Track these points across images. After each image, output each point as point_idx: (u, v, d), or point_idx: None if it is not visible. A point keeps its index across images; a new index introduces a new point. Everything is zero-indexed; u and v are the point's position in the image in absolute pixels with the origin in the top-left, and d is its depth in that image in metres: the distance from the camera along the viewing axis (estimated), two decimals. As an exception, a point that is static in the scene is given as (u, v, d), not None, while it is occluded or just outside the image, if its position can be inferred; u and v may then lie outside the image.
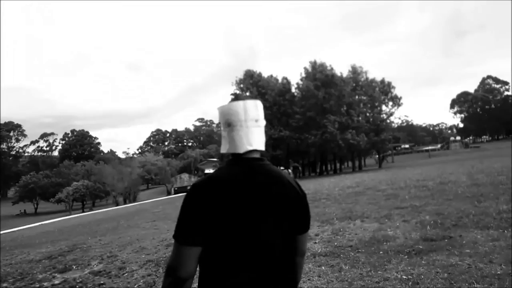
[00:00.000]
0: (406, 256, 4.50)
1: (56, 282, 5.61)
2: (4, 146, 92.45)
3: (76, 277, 5.69)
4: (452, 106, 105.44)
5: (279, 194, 1.25)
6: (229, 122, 1.29)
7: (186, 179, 59.57)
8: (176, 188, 54.62)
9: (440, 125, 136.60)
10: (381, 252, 4.79)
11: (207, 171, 49.50)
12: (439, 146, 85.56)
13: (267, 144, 1.42)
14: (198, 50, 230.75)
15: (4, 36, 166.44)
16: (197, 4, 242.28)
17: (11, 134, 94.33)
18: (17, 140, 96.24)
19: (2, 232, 19.40)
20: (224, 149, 1.32)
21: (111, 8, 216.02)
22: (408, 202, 8.67)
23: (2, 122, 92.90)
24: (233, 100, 1.34)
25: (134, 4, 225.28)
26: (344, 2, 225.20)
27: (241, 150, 1.27)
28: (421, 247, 4.82)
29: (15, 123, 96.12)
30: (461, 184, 10.93)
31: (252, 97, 1.47)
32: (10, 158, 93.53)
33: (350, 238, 5.82)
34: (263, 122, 1.34)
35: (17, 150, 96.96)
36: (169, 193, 56.46)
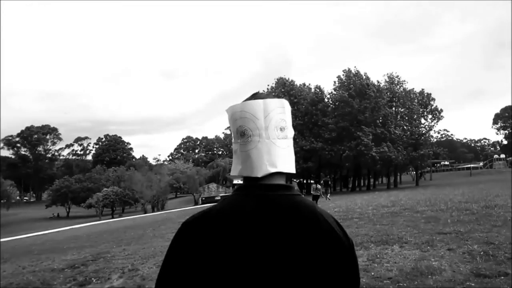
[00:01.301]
0: (457, 296, 3.89)
1: (73, 296, 5.45)
2: (40, 148, 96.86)
3: (94, 292, 5.50)
4: (495, 122, 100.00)
5: (311, 243, 0.84)
6: (242, 131, 0.93)
7: (214, 189, 59.72)
8: (203, 198, 54.80)
9: (482, 141, 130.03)
10: (426, 289, 4.20)
11: (235, 181, 49.19)
12: (481, 164, 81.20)
13: (297, 155, 0.97)
14: (230, 59, 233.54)
15: (45, 44, 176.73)
16: (229, 13, 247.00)
17: (48, 137, 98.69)
18: (53, 143, 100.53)
19: (34, 234, 20.01)
20: (235, 171, 0.96)
21: (146, 19, 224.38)
22: (451, 227, 7.92)
23: (40, 125, 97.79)
24: (249, 98, 0.98)
25: (168, 14, 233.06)
26: (382, 12, 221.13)
27: (259, 173, 0.90)
28: (473, 284, 4.20)
29: (52, 126, 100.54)
30: (509, 209, 10.00)
31: (276, 95, 1.05)
32: (46, 161, 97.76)
33: (389, 268, 5.22)
34: (291, 132, 0.97)
35: (52, 153, 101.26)
36: (196, 203, 56.73)
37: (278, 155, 0.92)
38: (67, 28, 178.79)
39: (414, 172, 53.94)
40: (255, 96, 0.97)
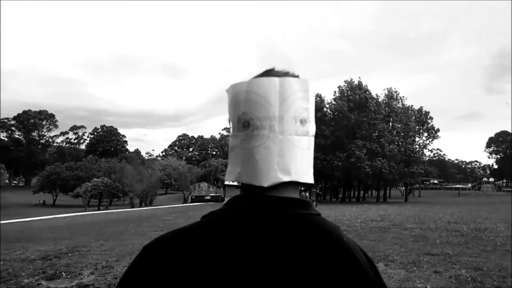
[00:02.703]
0: (441, 324, 3.66)
1: (38, 291, 5.18)
2: (35, 133, 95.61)
3: (60, 289, 5.22)
4: (488, 145, 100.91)
5: (334, 281, 0.58)
6: (246, 120, 0.65)
7: (205, 189, 59.22)
8: (193, 197, 54.31)
9: (473, 164, 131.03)
10: (409, 313, 3.97)
11: (227, 182, 48.72)
12: (469, 185, 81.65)
13: None
14: (232, 61, 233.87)
15: (47, 31, 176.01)
16: (236, 16, 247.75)
17: (44, 123, 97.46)
18: (49, 130, 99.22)
19: (14, 220, 19.57)
20: (231, 175, 0.68)
21: (151, 13, 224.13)
22: (439, 248, 7.74)
23: (37, 110, 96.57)
24: (260, 75, 0.69)
25: (173, 10, 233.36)
26: (386, 28, 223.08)
27: (265, 181, 0.63)
28: (458, 312, 3.98)
29: (49, 112, 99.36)
30: (499, 233, 9.87)
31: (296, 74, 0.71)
32: (39, 147, 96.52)
33: (371, 287, 4.99)
34: (313, 128, 0.70)
35: (46, 139, 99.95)
36: (185, 201, 56.23)
37: (294, 158, 0.64)
38: (72, 16, 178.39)
39: (404, 188, 54.00)
40: (269, 73, 0.69)
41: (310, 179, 0.67)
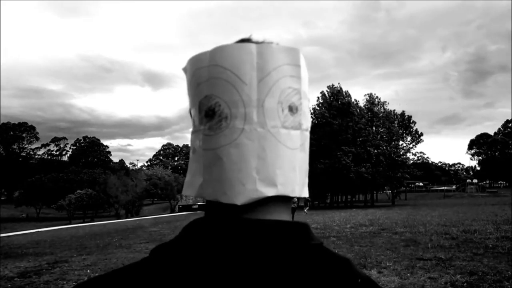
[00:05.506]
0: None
1: (14, 313, 4.85)
2: (15, 146, 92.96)
3: (38, 309, 4.90)
4: (470, 147, 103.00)
5: None
6: (210, 107, 0.43)
7: (192, 197, 58.46)
8: (180, 206, 53.52)
9: (456, 166, 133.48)
10: (408, 324, 3.81)
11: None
12: (454, 187, 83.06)
13: None
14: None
15: (23, 41, 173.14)
16: (215, 24, 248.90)
17: (24, 135, 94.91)
18: (29, 142, 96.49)
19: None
20: (190, 187, 0.46)
21: (130, 21, 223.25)
22: (432, 253, 7.65)
23: (17, 122, 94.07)
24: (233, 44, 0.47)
25: (153, 18, 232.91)
26: (365, 34, 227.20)
27: (238, 197, 0.41)
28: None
29: (29, 124, 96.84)
30: (489, 235, 9.86)
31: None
32: (20, 159, 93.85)
33: (367, 297, 4.82)
34: (307, 119, 0.48)
35: (27, 151, 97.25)
36: (172, 211, 55.41)
37: (281, 160, 0.43)
38: (49, 25, 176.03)
39: (390, 191, 54.50)
40: (245, 41, 0.47)
41: (304, 192, 0.47)
